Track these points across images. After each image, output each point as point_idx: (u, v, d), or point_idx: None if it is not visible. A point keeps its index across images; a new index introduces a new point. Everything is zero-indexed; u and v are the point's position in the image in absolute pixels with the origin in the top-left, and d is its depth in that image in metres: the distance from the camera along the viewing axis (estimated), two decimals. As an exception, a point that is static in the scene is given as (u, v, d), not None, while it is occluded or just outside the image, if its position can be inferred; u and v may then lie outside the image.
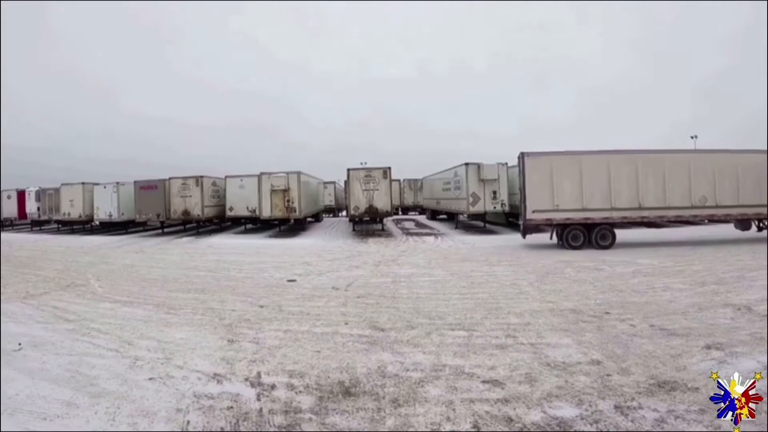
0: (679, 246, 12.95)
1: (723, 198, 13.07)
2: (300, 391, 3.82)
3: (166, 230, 21.99)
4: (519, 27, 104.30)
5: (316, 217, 27.69)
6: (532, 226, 13.38)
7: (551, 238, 13.41)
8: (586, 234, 12.96)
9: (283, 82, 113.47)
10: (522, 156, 13.20)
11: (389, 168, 19.16)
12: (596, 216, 12.96)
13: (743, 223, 14.05)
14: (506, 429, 3.14)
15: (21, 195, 26.55)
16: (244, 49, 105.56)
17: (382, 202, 18.91)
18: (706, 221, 14.61)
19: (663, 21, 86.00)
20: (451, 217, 23.18)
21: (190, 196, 20.41)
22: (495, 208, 18.54)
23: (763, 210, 13.18)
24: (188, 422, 3.31)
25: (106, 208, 22.06)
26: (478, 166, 18.56)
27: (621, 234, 15.59)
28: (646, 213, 13.15)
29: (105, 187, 22.20)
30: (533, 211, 13.09)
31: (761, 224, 13.91)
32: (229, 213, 21.46)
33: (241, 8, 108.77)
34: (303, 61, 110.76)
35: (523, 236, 13.79)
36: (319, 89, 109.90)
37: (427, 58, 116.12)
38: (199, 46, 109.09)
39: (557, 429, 3.12)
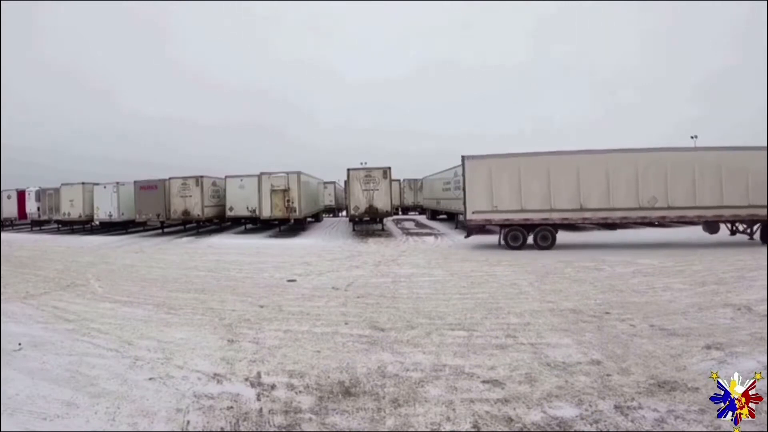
0: (679, 246, 12.95)
1: (676, 199, 12.64)
2: (300, 391, 3.82)
3: (166, 230, 21.99)
4: (519, 27, 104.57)
5: (316, 217, 27.68)
6: (473, 226, 13.74)
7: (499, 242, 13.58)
8: (525, 234, 13.15)
9: (283, 82, 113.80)
10: (463, 159, 13.59)
11: (389, 168, 19.19)
12: (535, 217, 13.12)
13: (710, 226, 13.50)
14: (506, 429, 3.14)
15: (21, 195, 26.54)
16: (244, 49, 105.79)
17: (382, 202, 18.93)
18: (657, 223, 14.14)
19: (663, 21, 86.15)
20: (451, 217, 23.14)
21: (190, 196, 20.42)
22: (495, 208, 18.51)
23: (725, 212, 12.57)
24: (188, 422, 3.31)
25: (106, 208, 22.07)
26: (479, 166, 18.59)
27: (622, 234, 15.64)
28: (588, 215, 13.11)
29: (105, 187, 22.21)
30: (473, 212, 13.40)
31: (734, 227, 13.35)
32: (229, 213, 21.44)
33: (242, 8, 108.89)
34: (303, 60, 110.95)
35: (466, 236, 14.33)
36: (319, 89, 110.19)
37: (428, 58, 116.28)
38: (200, 45, 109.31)
39: (557, 429, 3.12)
